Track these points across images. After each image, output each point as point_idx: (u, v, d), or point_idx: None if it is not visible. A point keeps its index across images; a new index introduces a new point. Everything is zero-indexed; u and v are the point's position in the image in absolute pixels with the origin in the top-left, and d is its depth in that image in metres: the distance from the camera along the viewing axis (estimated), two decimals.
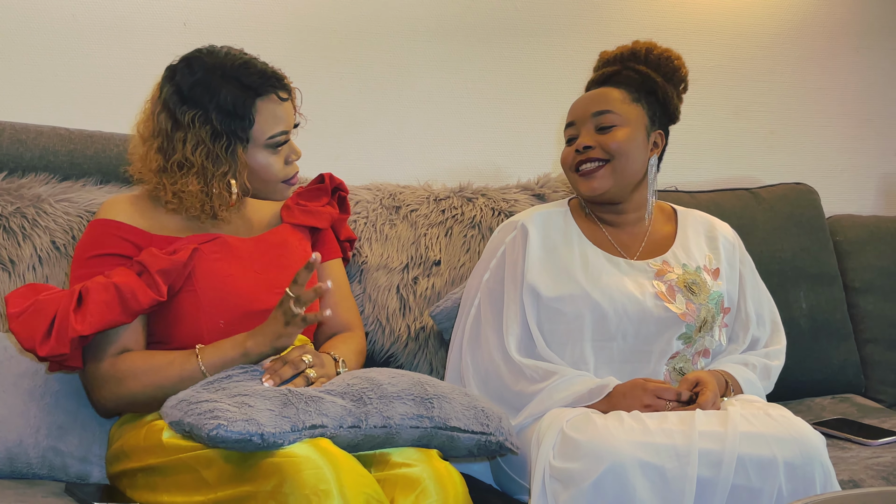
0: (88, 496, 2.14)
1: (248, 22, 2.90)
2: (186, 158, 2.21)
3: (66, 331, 2.10)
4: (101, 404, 2.21)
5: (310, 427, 1.97)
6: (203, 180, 2.22)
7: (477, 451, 2.14)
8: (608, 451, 2.04)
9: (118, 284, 2.13)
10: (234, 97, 2.20)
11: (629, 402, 2.23)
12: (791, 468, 2.07)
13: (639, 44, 2.47)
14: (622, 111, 2.39)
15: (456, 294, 2.62)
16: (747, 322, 2.47)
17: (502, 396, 2.33)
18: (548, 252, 2.40)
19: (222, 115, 2.19)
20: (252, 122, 2.21)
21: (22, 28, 2.74)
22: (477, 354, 2.38)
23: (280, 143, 2.25)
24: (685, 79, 2.48)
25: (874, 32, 3.48)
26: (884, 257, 3.17)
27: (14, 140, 2.54)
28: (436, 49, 3.09)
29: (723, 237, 2.51)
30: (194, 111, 2.20)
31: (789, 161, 3.40)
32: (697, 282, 2.40)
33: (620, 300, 2.33)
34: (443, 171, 3.02)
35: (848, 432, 2.68)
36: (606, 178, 2.37)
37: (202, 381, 2.09)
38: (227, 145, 2.21)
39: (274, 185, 2.29)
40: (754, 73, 3.38)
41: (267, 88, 2.22)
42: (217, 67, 2.22)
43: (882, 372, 3.09)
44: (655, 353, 2.35)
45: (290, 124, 2.26)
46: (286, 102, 2.25)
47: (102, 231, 2.24)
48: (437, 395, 2.10)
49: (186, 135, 2.20)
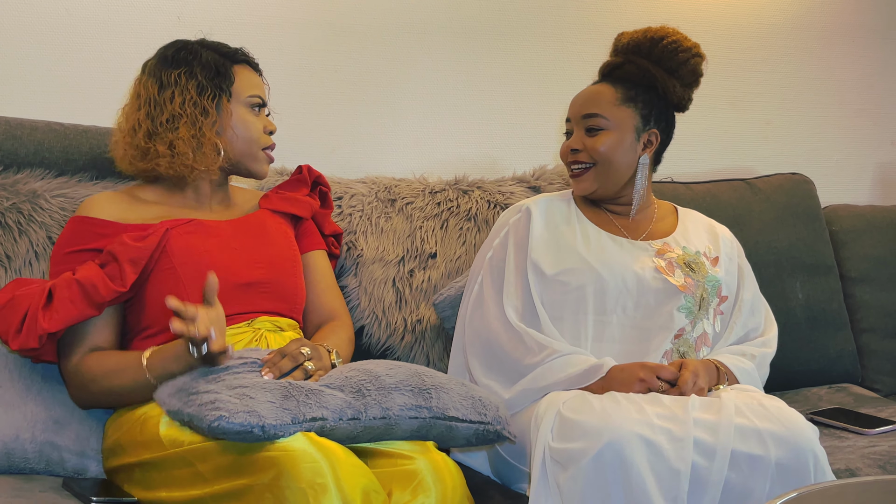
0: (86, 490, 2.15)
1: (242, 15, 2.90)
2: (175, 112, 2.31)
3: (35, 328, 2.16)
4: (74, 400, 2.28)
5: (310, 419, 1.97)
6: (193, 129, 2.31)
7: (475, 440, 2.15)
8: (607, 427, 2.05)
9: (80, 280, 2.18)
10: (215, 59, 2.37)
11: (624, 377, 2.26)
12: (783, 469, 2.09)
13: (650, 32, 2.46)
14: (611, 114, 2.42)
15: (459, 282, 2.62)
16: (742, 311, 2.49)
17: (502, 365, 2.36)
18: (551, 232, 2.44)
19: (206, 70, 2.34)
20: (232, 80, 2.37)
21: (15, 23, 2.74)
22: (479, 328, 2.41)
23: (257, 105, 2.39)
24: (695, 70, 2.46)
25: (869, 23, 3.48)
26: (880, 247, 3.17)
27: (9, 136, 2.54)
28: (430, 42, 3.09)
29: (722, 235, 2.57)
30: (180, 69, 2.34)
31: (785, 151, 3.40)
32: (697, 262, 2.45)
33: (620, 272, 2.38)
34: (438, 164, 3.02)
35: (844, 422, 2.68)
36: (591, 180, 2.45)
37: (195, 372, 2.09)
38: (213, 96, 2.33)
39: (255, 149, 2.38)
40: (750, 64, 3.38)
41: (241, 58, 2.41)
42: (194, 43, 2.40)
43: (878, 361, 3.09)
44: (657, 328, 2.37)
45: (264, 96, 2.41)
46: (258, 77, 2.43)
47: (79, 227, 2.29)
48: (435, 386, 2.11)
49: (173, 91, 2.32)
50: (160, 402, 2.08)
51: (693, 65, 2.46)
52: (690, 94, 2.49)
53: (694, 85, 2.49)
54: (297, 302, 2.38)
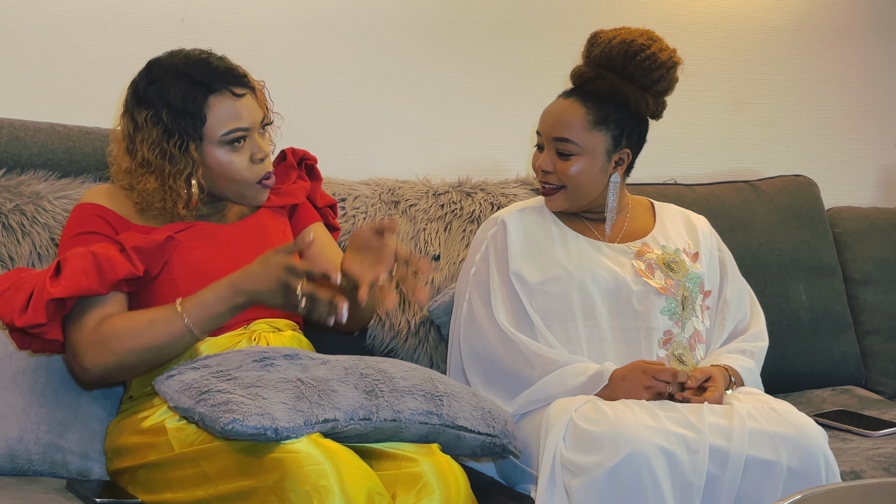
0: (90, 492, 2.14)
1: (246, 17, 2.90)
2: (145, 158, 2.20)
3: (41, 298, 2.08)
4: (85, 372, 2.14)
5: (322, 421, 1.98)
6: (161, 179, 2.20)
7: (481, 451, 2.16)
8: (625, 439, 2.06)
9: (96, 252, 2.13)
10: (184, 95, 2.18)
11: (629, 385, 2.25)
12: (794, 474, 2.10)
13: (623, 44, 2.37)
14: (581, 140, 2.39)
15: (453, 289, 2.62)
16: (728, 304, 2.50)
17: (501, 379, 2.35)
18: (529, 243, 2.44)
19: (172, 113, 2.18)
20: (204, 119, 2.19)
21: (20, 25, 2.74)
22: (475, 344, 2.40)
23: (236, 140, 2.21)
24: (670, 82, 2.40)
25: (873, 24, 3.48)
26: (883, 249, 3.17)
27: (12, 137, 2.54)
28: (434, 44, 3.09)
29: (700, 229, 2.55)
30: (147, 111, 2.20)
31: (788, 153, 3.40)
32: (676, 261, 2.44)
33: (602, 277, 2.38)
34: (441, 166, 3.02)
35: (848, 424, 2.68)
36: (562, 200, 2.44)
37: (205, 370, 2.08)
38: (180, 143, 2.19)
39: (244, 186, 2.25)
40: (753, 66, 3.38)
41: (219, 85, 2.20)
42: (171, 67, 2.21)
43: (882, 363, 3.09)
44: (642, 329, 2.37)
45: (250, 121, 2.22)
46: (243, 98, 2.22)
47: (85, 212, 2.24)
48: (447, 394, 2.12)
49: (143, 135, 2.20)
50: (167, 397, 2.07)
51: (668, 78, 2.41)
52: (664, 101, 2.45)
53: (668, 92, 2.44)
54: None
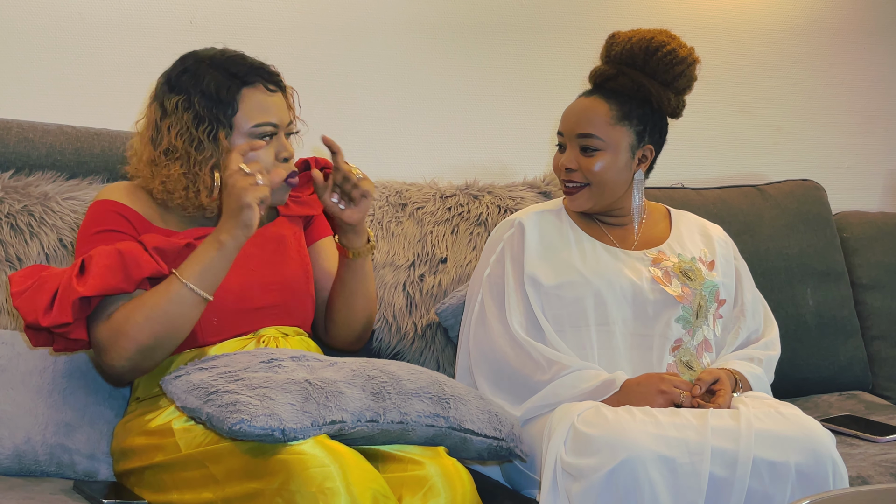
0: (97, 493, 2.15)
1: (254, 20, 2.91)
2: (172, 145, 2.19)
3: (68, 296, 2.07)
4: (112, 367, 2.14)
5: (329, 422, 1.97)
6: (186, 166, 2.19)
7: (487, 454, 2.16)
8: (623, 444, 2.05)
9: (122, 250, 2.11)
10: (219, 83, 2.19)
11: (644, 390, 2.24)
12: (802, 476, 2.09)
13: (643, 41, 2.40)
14: (606, 135, 2.38)
15: (461, 292, 2.62)
16: (744, 313, 2.49)
17: (510, 383, 2.34)
18: (545, 246, 2.43)
19: (205, 99, 2.18)
20: (236, 109, 2.19)
21: (28, 27, 2.75)
22: (485, 347, 2.39)
23: (265, 135, 2.20)
24: (690, 78, 2.42)
25: (881, 29, 3.47)
26: (891, 254, 3.16)
27: (21, 138, 2.54)
28: (442, 46, 3.09)
29: (716, 236, 2.54)
30: (179, 97, 2.19)
31: (796, 158, 3.40)
32: (693, 269, 2.43)
33: (618, 283, 2.37)
34: (449, 169, 3.02)
35: (855, 429, 2.67)
36: (586, 199, 2.42)
37: (208, 362, 2.08)
38: (210, 130, 2.18)
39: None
40: (761, 70, 3.38)
41: (253, 78, 2.21)
42: (207, 58, 2.23)
43: (889, 368, 3.08)
44: (656, 337, 2.36)
45: (279, 119, 2.22)
46: (275, 95, 2.23)
47: (104, 209, 2.22)
48: (454, 397, 2.11)
49: (171, 121, 2.19)
50: (174, 397, 2.07)
51: (689, 74, 2.42)
52: (684, 100, 2.46)
53: (688, 90, 2.45)
54: (306, 318, 2.36)
